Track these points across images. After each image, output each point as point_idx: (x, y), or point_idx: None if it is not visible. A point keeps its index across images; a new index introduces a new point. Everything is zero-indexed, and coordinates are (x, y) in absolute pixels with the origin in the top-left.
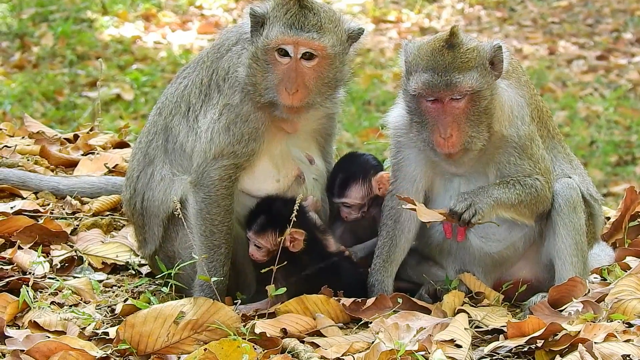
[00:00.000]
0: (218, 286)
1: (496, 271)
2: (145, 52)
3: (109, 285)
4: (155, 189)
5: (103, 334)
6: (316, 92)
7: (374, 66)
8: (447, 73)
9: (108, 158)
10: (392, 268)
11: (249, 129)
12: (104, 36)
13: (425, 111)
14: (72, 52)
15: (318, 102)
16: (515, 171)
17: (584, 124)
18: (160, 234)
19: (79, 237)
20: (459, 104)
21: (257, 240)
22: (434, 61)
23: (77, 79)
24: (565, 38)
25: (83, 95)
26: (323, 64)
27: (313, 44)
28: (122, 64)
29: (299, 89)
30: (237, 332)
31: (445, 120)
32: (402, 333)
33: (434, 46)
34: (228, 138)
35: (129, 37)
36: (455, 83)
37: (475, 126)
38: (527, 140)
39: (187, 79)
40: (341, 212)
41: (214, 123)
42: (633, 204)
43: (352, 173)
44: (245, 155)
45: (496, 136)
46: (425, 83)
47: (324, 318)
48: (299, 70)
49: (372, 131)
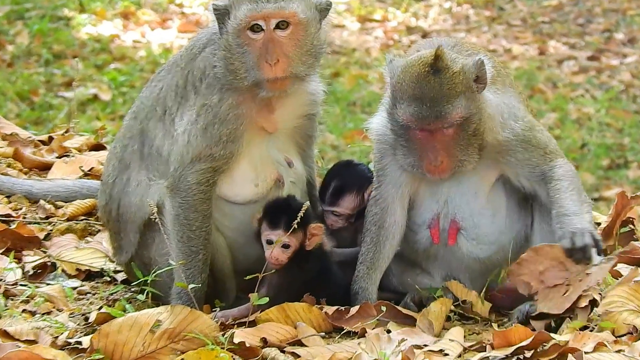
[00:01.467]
0: (196, 294)
1: (484, 278)
2: (124, 51)
3: (83, 293)
4: (132, 195)
5: (76, 344)
6: (297, 61)
7: (359, 66)
8: (435, 104)
9: (83, 161)
10: (376, 275)
11: (227, 130)
12: (81, 34)
13: (412, 138)
14: (48, 50)
15: (302, 71)
16: (526, 164)
17: (574, 126)
18: (137, 240)
19: (52, 243)
20: (449, 132)
21: (290, 239)
22: (420, 90)
23: (53, 79)
24: (555, 38)
25: (59, 95)
26: (298, 30)
27: (283, 12)
28: (100, 64)
29: (279, 59)
30: (215, 341)
31: (435, 148)
32: (384, 344)
33: (419, 71)
34: (205, 140)
35: (107, 35)
36: (445, 114)
37: (465, 150)
38: (527, 132)
39: (162, 82)
40: (327, 220)
41: (191, 125)
42: (624, 209)
43: (348, 183)
44: (223, 158)
45: (492, 143)
46: (413, 115)
47: (305, 327)
48: (275, 41)
49: (357, 133)
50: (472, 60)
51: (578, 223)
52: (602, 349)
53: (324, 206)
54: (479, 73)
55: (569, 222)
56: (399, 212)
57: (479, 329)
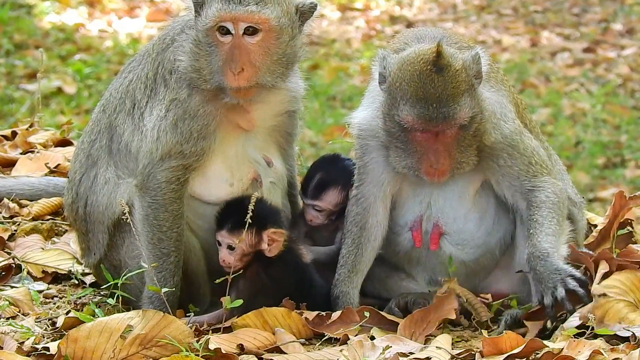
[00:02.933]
0: (169, 297)
1: (470, 282)
2: (89, 42)
3: (49, 296)
4: (99, 193)
5: (43, 349)
6: (265, 71)
7: (340, 58)
8: (442, 105)
9: (49, 157)
10: (358, 279)
11: (198, 126)
12: (44, 23)
13: (412, 140)
14: (9, 40)
15: (269, 81)
16: (508, 173)
17: (569, 122)
18: (106, 241)
19: (17, 244)
20: (451, 132)
21: (231, 240)
22: (424, 90)
23: (15, 70)
24: (548, 28)
25: (21, 87)
26: (269, 38)
27: (253, 17)
28: (64, 54)
29: (244, 68)
30: (189, 347)
31: (436, 150)
32: (367, 351)
33: (420, 70)
34: (175, 136)
35: (72, 24)
36: (453, 115)
37: (464, 151)
38: (515, 135)
39: (132, 73)
40: (307, 214)
41: (160, 120)
42: (622, 211)
43: (333, 177)
44: (194, 155)
45: (484, 144)
46: (419, 116)
47: (284, 333)
48: (242, 48)
49: (337, 129)
50: (470, 55)
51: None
52: (597, 357)
53: (305, 199)
54: (478, 68)
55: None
56: (381, 213)
57: (468, 335)
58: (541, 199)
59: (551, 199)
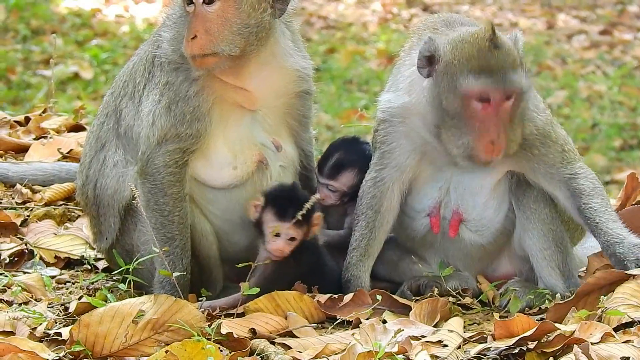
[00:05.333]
0: (179, 281)
1: (479, 265)
2: (106, 27)
3: (62, 282)
4: (108, 176)
5: (55, 335)
6: (221, 40)
7: (356, 42)
8: (504, 72)
9: (62, 142)
10: (369, 262)
11: (190, 108)
12: (60, 9)
13: (470, 116)
14: (25, 26)
15: (225, 50)
16: (543, 161)
17: (585, 104)
18: (117, 225)
19: (29, 229)
20: (508, 104)
21: (297, 232)
22: (486, 62)
23: (31, 56)
24: (565, 11)
25: (38, 73)
26: (227, 7)
27: None
28: (81, 40)
29: (197, 35)
30: (201, 332)
31: (496, 123)
32: (379, 334)
33: (479, 46)
34: (169, 120)
35: (88, 10)
36: (515, 81)
37: (514, 129)
38: (547, 126)
39: (137, 55)
40: (320, 193)
41: (155, 105)
42: (634, 192)
43: (351, 159)
44: (191, 138)
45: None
46: (485, 84)
47: (296, 317)
48: (199, 16)
49: (353, 112)
50: (513, 37)
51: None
52: (609, 339)
53: (320, 178)
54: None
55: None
56: (396, 197)
57: (480, 318)
58: (589, 187)
59: (597, 186)
